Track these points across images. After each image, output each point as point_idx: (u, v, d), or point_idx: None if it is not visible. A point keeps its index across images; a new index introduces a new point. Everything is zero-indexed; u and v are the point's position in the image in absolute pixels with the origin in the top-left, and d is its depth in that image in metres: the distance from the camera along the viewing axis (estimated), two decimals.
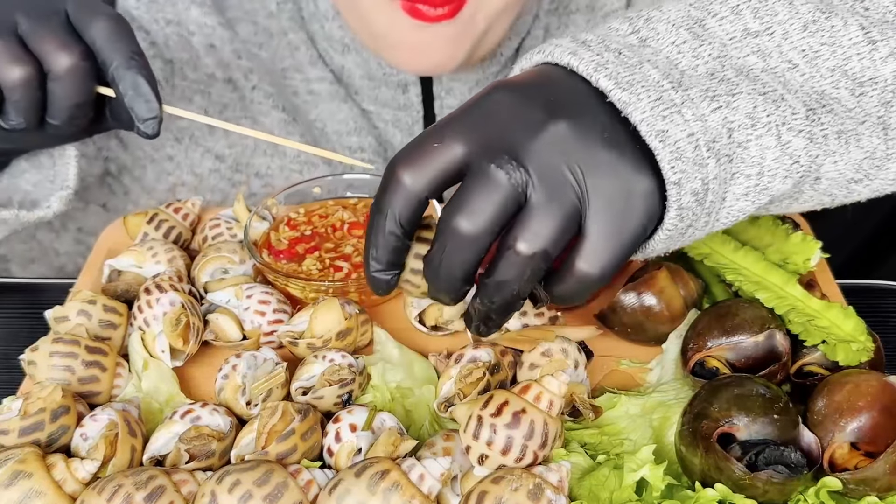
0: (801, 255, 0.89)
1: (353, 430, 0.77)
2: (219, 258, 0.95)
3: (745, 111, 0.68)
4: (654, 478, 0.73)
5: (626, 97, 0.66)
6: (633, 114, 0.65)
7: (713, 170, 0.67)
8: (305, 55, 1.17)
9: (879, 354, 0.82)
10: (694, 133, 0.66)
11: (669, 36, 0.71)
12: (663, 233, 0.69)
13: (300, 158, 1.20)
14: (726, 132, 0.67)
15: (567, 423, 0.81)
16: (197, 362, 0.90)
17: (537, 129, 0.66)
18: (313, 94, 1.19)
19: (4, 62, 0.79)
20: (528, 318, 0.88)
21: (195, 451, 0.76)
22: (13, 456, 0.72)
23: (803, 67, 0.72)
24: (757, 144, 0.68)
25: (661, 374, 0.87)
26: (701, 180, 0.67)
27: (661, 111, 0.65)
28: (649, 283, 0.89)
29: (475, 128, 0.67)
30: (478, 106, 0.68)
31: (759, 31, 0.72)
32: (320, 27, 1.15)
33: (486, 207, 0.65)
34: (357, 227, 1.02)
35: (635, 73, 0.67)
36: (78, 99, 0.82)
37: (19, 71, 0.79)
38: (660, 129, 0.65)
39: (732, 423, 0.74)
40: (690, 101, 0.67)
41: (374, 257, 0.70)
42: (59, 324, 0.87)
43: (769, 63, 0.72)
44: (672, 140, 0.65)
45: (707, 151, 0.66)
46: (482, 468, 0.72)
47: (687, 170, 0.66)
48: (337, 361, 0.83)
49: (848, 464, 0.74)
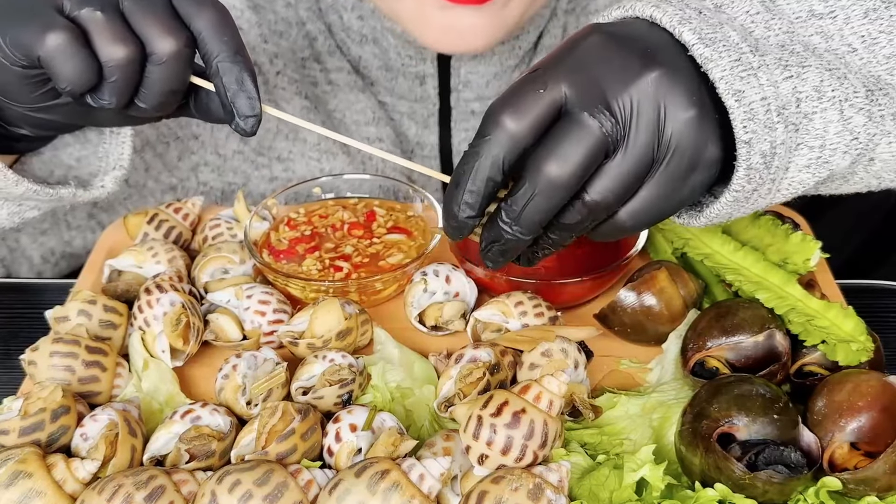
0: (801, 254, 0.89)
1: (353, 430, 0.77)
2: (219, 258, 0.96)
3: (813, 84, 0.71)
4: (654, 478, 0.73)
5: (709, 53, 0.68)
6: (713, 70, 0.68)
7: (781, 135, 0.70)
8: (323, 45, 1.18)
9: (879, 354, 0.82)
10: (767, 97, 0.69)
11: (744, 5, 0.74)
12: (730, 194, 0.71)
13: (319, 147, 1.21)
14: (795, 101, 0.70)
15: (567, 423, 0.81)
16: (197, 362, 0.90)
17: (633, 79, 0.68)
18: (332, 84, 1.19)
19: (108, 41, 0.75)
20: (528, 318, 0.88)
21: (195, 451, 0.76)
22: (13, 456, 0.72)
23: (862, 52, 0.76)
24: (822, 118, 0.71)
25: (660, 374, 0.87)
26: (770, 143, 0.69)
27: (739, 72, 0.68)
28: (649, 284, 0.89)
29: (574, 73, 0.69)
30: (576, 50, 0.70)
31: (824, 13, 0.76)
32: (338, 17, 1.15)
33: (577, 156, 0.67)
34: (357, 227, 1.02)
35: (717, 31, 0.70)
36: (174, 86, 0.79)
37: (122, 51, 0.75)
38: (737, 88, 0.68)
39: (732, 423, 0.74)
40: (766, 66, 0.70)
41: (467, 202, 0.70)
42: (59, 324, 0.87)
43: (831, 45, 0.75)
44: (747, 101, 0.68)
45: (777, 116, 0.69)
46: (482, 468, 0.72)
47: (758, 131, 0.68)
48: (337, 361, 0.83)
49: (848, 464, 0.74)
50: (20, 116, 0.84)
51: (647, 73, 0.68)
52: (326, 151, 1.21)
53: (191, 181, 1.21)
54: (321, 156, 1.21)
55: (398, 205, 1.06)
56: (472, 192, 0.70)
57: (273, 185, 1.22)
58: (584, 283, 0.93)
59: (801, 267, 0.89)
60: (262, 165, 1.22)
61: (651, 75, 0.68)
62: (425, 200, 1.03)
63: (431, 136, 1.23)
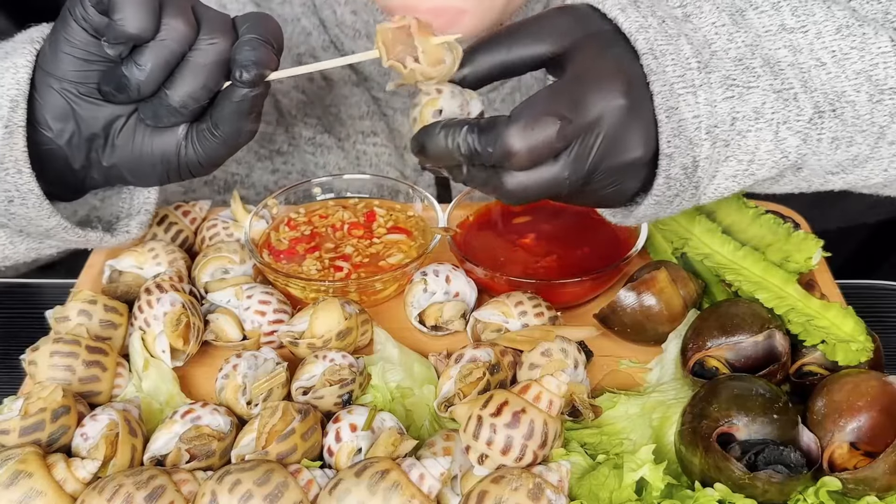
0: (803, 253, 0.89)
1: (354, 430, 0.77)
2: (219, 258, 0.96)
3: (754, 105, 0.74)
4: (654, 477, 0.73)
5: (654, 65, 0.72)
6: (654, 83, 0.72)
7: (706, 150, 0.73)
8: (318, 40, 1.18)
9: (879, 354, 0.82)
10: (699, 115, 0.72)
11: (711, 17, 0.77)
12: (651, 198, 0.76)
13: (314, 140, 1.22)
14: (730, 120, 0.74)
15: (567, 423, 0.81)
16: (197, 362, 0.90)
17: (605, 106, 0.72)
18: (327, 79, 1.20)
19: (176, 11, 0.78)
20: (528, 317, 0.88)
21: (195, 450, 0.76)
22: (14, 456, 0.72)
23: (831, 67, 0.77)
24: (755, 136, 0.75)
25: (660, 374, 0.87)
26: (692, 158, 0.73)
27: (678, 88, 0.72)
28: (649, 284, 0.89)
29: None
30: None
31: (795, 27, 0.78)
32: (332, 12, 1.16)
33: (543, 151, 0.72)
34: (357, 227, 1.02)
35: (670, 44, 0.73)
36: (207, 80, 0.80)
37: (183, 24, 0.78)
38: (671, 105, 0.72)
39: (732, 422, 0.74)
40: (709, 84, 0.73)
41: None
42: (59, 324, 0.87)
43: (798, 58, 0.77)
44: (677, 118, 0.72)
45: (706, 134, 0.73)
46: (482, 468, 0.73)
47: (682, 146, 0.73)
48: (337, 361, 0.84)
49: (847, 464, 0.74)
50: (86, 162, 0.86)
51: (614, 101, 0.72)
52: (321, 146, 1.22)
53: None
54: (315, 150, 1.22)
55: (398, 205, 1.06)
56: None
57: (275, 178, 1.23)
58: (583, 283, 0.93)
59: (802, 266, 0.90)
60: (264, 157, 1.22)
61: (614, 102, 0.72)
62: (425, 200, 1.03)
63: None
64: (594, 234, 0.99)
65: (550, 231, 1.00)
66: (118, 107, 0.83)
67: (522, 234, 1.00)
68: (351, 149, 1.22)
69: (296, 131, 1.21)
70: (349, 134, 1.22)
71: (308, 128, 1.22)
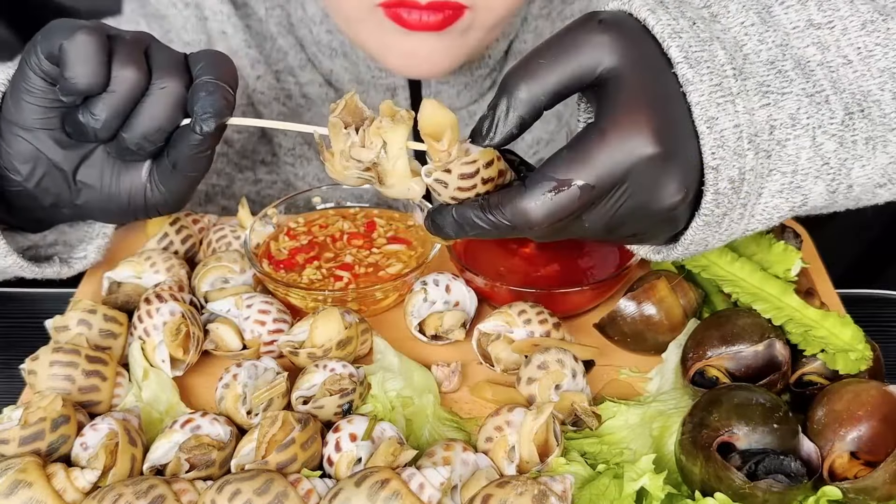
0: (783, 264, 0.89)
1: (353, 440, 0.77)
2: (219, 268, 0.96)
3: (790, 111, 0.72)
4: (654, 487, 0.73)
5: (691, 75, 0.69)
6: (691, 93, 0.69)
7: (751, 161, 0.71)
8: (295, 59, 1.19)
9: (879, 363, 0.82)
10: (740, 125, 0.70)
11: (739, 16, 0.74)
12: (700, 219, 0.72)
13: (293, 151, 1.23)
14: (768, 129, 0.71)
15: (567, 433, 0.81)
16: (197, 372, 0.90)
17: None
18: (306, 97, 1.20)
19: (126, 58, 0.78)
20: (533, 325, 0.88)
21: (195, 460, 0.76)
22: (13, 465, 0.72)
23: (857, 65, 0.75)
24: (794, 144, 0.72)
25: (660, 384, 0.87)
26: (738, 169, 0.70)
27: (717, 98, 0.69)
28: (649, 293, 0.89)
29: None
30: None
31: (822, 23, 0.75)
32: (308, 31, 1.16)
33: (564, 217, 0.70)
34: (357, 237, 1.02)
35: (704, 49, 0.70)
36: (162, 122, 0.80)
37: (133, 72, 0.78)
38: (711, 115, 0.69)
39: (732, 432, 0.74)
40: (745, 92, 0.70)
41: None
42: (59, 333, 0.87)
43: (826, 56, 0.75)
44: (719, 128, 0.69)
45: (748, 143, 0.70)
46: None
47: (727, 157, 0.70)
48: (338, 371, 0.83)
49: (848, 473, 0.74)
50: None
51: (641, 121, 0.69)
52: (300, 157, 1.22)
53: None
54: (295, 160, 1.23)
55: (398, 214, 1.06)
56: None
57: (258, 188, 1.23)
58: (584, 292, 0.93)
59: (782, 277, 0.89)
60: (246, 168, 1.23)
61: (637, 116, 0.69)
62: (425, 210, 1.03)
63: None
64: (594, 244, 0.99)
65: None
66: (83, 146, 0.84)
67: (523, 243, 1.00)
68: None
69: (276, 142, 1.22)
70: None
71: (288, 139, 1.22)
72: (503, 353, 0.87)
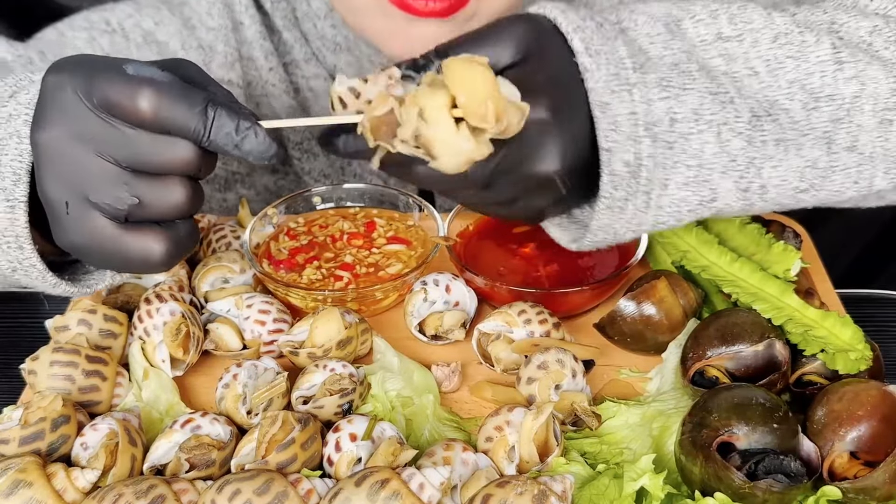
0: (782, 264, 0.89)
1: (353, 440, 0.77)
2: (219, 268, 0.96)
3: (692, 106, 0.74)
4: (654, 487, 0.73)
5: (588, 63, 0.72)
6: (588, 80, 0.72)
7: (648, 148, 0.73)
8: (300, 53, 1.19)
9: (879, 363, 0.82)
10: (636, 112, 0.72)
11: (646, 27, 0.77)
12: (601, 201, 0.75)
13: (301, 146, 1.23)
14: (669, 120, 0.73)
15: (567, 433, 0.82)
16: (197, 372, 0.90)
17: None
18: (312, 91, 1.21)
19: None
20: (533, 325, 0.88)
21: (195, 460, 0.76)
22: (14, 465, 0.72)
23: (763, 76, 0.78)
24: (698, 139, 0.74)
25: (660, 384, 0.87)
26: (634, 154, 0.73)
27: (613, 85, 0.72)
28: (649, 293, 0.89)
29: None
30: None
31: (731, 36, 0.78)
32: (313, 26, 1.16)
33: None
34: (356, 237, 1.02)
35: (606, 44, 0.73)
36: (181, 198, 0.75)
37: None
38: (605, 101, 0.72)
39: (732, 432, 0.74)
40: (644, 84, 0.73)
41: None
42: (59, 333, 0.88)
43: (731, 67, 0.77)
44: (612, 113, 0.72)
45: (644, 131, 0.73)
46: None
47: (620, 140, 0.72)
48: (338, 371, 0.84)
49: (847, 473, 0.74)
50: None
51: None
52: (307, 151, 1.22)
53: None
54: (302, 155, 1.23)
55: (397, 214, 1.06)
56: None
57: (274, 178, 1.24)
58: (583, 292, 0.93)
59: (781, 277, 0.89)
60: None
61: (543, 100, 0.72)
62: (425, 210, 1.03)
63: None
64: None
65: (550, 240, 1.00)
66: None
67: (522, 243, 1.00)
68: (336, 158, 1.23)
69: (284, 135, 1.23)
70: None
71: (297, 133, 1.22)
72: (503, 353, 0.88)
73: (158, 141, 0.71)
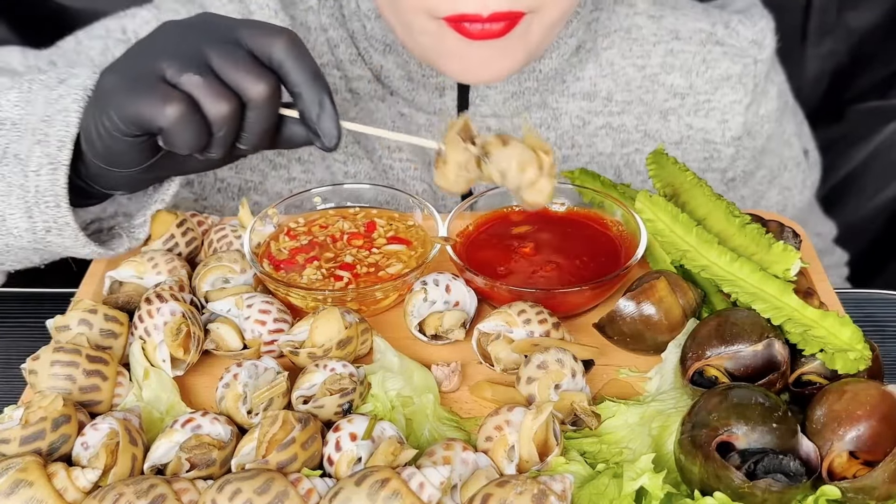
0: (782, 264, 0.89)
1: (354, 439, 0.77)
2: (219, 268, 0.96)
3: None
4: (654, 486, 0.73)
5: None
6: None
7: None
8: (345, 53, 1.18)
9: (878, 363, 0.82)
10: None
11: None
12: None
13: (346, 150, 1.22)
14: None
15: (567, 433, 0.82)
16: (197, 371, 0.90)
17: None
18: (352, 91, 1.20)
19: (212, 99, 0.80)
20: (533, 325, 0.88)
21: (196, 459, 0.76)
22: (14, 465, 0.72)
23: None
24: None
25: (660, 384, 0.88)
26: None
27: None
28: (648, 293, 0.89)
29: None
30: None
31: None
32: (361, 26, 1.15)
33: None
34: (357, 237, 1.02)
35: None
36: (269, 125, 0.84)
37: (227, 107, 0.80)
38: None
39: (731, 431, 0.74)
40: None
41: None
42: (60, 333, 0.88)
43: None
44: None
45: None
46: None
47: None
48: (338, 371, 0.84)
49: (847, 472, 0.74)
50: (122, 180, 0.91)
51: None
52: (352, 155, 1.22)
53: (208, 176, 1.22)
54: (347, 158, 1.22)
55: (398, 214, 1.06)
56: None
57: (290, 186, 1.23)
58: (583, 292, 0.93)
59: (781, 277, 0.89)
60: (281, 166, 1.22)
61: None
62: (425, 210, 1.03)
63: None
64: (594, 244, 1.00)
65: (550, 240, 1.01)
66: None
67: (522, 243, 1.00)
68: (378, 161, 1.22)
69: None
70: (375, 148, 1.22)
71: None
72: (503, 353, 0.88)
73: (255, 65, 0.81)
